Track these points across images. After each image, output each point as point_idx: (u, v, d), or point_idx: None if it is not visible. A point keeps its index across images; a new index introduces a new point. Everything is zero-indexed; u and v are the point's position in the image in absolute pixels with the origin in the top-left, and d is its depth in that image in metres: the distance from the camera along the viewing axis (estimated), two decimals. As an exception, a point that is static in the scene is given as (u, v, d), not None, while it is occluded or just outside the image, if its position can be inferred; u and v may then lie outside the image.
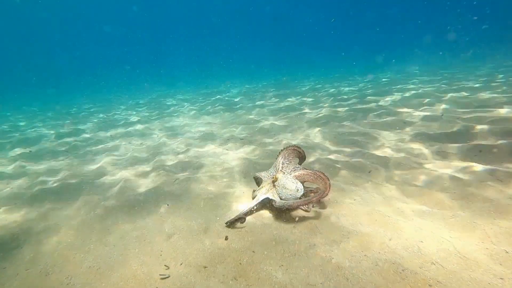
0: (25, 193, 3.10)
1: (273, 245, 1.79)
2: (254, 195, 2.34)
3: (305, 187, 2.26)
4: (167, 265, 1.71)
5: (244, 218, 2.06)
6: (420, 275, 1.43)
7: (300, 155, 2.64)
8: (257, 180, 2.48)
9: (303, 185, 2.23)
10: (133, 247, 1.93)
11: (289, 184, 2.14)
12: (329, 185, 2.05)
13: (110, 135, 5.89)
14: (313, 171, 2.21)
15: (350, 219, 1.99)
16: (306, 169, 2.28)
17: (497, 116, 3.92)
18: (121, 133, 5.94)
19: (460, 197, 2.12)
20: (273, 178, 2.25)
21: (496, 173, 2.39)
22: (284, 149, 2.55)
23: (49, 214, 2.53)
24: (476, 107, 4.62)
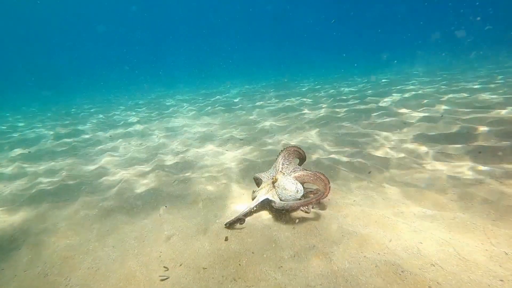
0: (23, 194, 3.09)
1: (273, 246, 1.79)
2: (253, 196, 2.33)
3: (305, 188, 2.26)
4: (166, 266, 1.70)
5: (243, 219, 2.05)
6: (419, 277, 1.43)
7: (300, 156, 2.63)
8: (257, 180, 2.48)
9: (303, 186, 2.23)
10: (132, 248, 1.92)
11: (289, 185, 2.14)
12: (328, 186, 2.05)
13: (109, 135, 5.88)
14: (313, 172, 2.21)
15: (349, 220, 1.99)
16: (306, 170, 2.28)
17: (496, 117, 3.93)
18: (120, 134, 5.93)
19: (459, 198, 2.12)
20: (273, 179, 2.25)
21: (495, 174, 2.39)
22: (284, 149, 2.54)
23: (48, 215, 2.52)
24: (475, 108, 4.63)
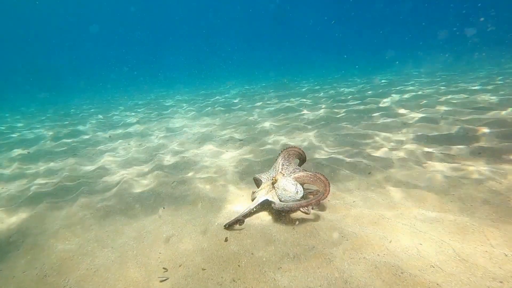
0: (22, 194, 3.08)
1: (272, 247, 1.78)
2: (253, 197, 2.33)
3: (304, 189, 2.25)
4: (166, 267, 1.70)
5: (243, 220, 2.05)
6: (419, 278, 1.43)
7: (300, 157, 2.63)
8: (257, 181, 2.48)
9: (303, 187, 2.22)
10: (131, 249, 1.92)
11: (289, 186, 2.13)
12: (328, 187, 2.05)
13: (108, 136, 5.88)
14: (312, 173, 2.21)
15: (349, 221, 1.99)
16: (305, 171, 2.28)
17: (496, 118, 3.93)
18: (120, 134, 5.92)
19: (459, 200, 2.12)
20: (272, 179, 2.24)
21: (495, 175, 2.39)
22: (284, 150, 2.54)
23: (47, 215, 2.51)
24: (475, 108, 4.63)
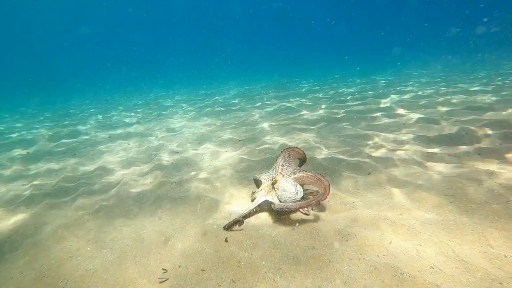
0: (22, 195, 3.08)
1: (272, 248, 1.78)
2: (253, 197, 2.33)
3: (304, 190, 2.25)
4: (165, 268, 1.69)
5: (242, 220, 2.04)
6: (418, 279, 1.43)
7: (300, 157, 2.63)
8: (257, 182, 2.47)
9: (303, 187, 2.22)
10: (130, 249, 1.91)
11: (289, 186, 2.13)
12: (328, 188, 2.05)
13: (108, 136, 5.87)
14: (312, 174, 2.20)
15: (349, 222, 1.99)
16: (305, 172, 2.28)
17: (496, 118, 3.93)
18: (119, 134, 5.92)
19: (459, 200, 2.12)
20: (272, 180, 2.24)
21: (495, 176, 2.39)
22: (284, 150, 2.53)
23: (46, 216, 2.51)
24: (475, 109, 4.64)
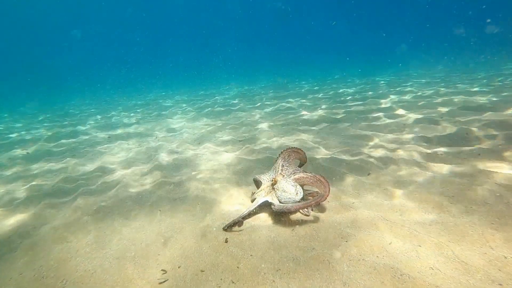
0: (21, 195, 3.07)
1: (271, 249, 1.78)
2: (253, 198, 2.32)
3: (304, 190, 2.25)
4: (164, 269, 1.69)
5: (242, 221, 2.04)
6: (418, 280, 1.42)
7: (301, 157, 2.62)
8: (257, 182, 2.47)
9: (303, 188, 2.22)
10: (129, 250, 1.91)
11: (289, 187, 2.13)
12: (328, 189, 2.04)
13: (108, 136, 5.86)
14: (312, 174, 2.20)
15: (348, 222, 1.99)
16: (305, 172, 2.27)
17: (495, 119, 3.93)
18: (119, 135, 5.91)
19: (459, 201, 2.12)
20: (272, 181, 2.24)
21: (494, 176, 2.39)
22: (284, 151, 2.53)
23: (45, 216, 2.50)
24: (475, 110, 4.64)
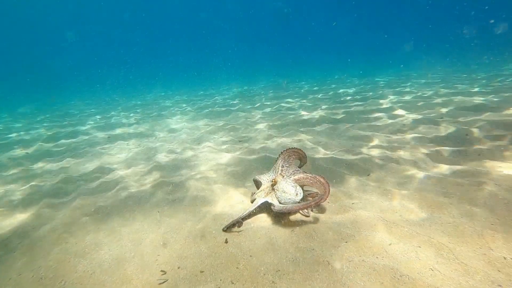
0: (20, 195, 3.07)
1: (271, 250, 1.77)
2: (252, 199, 2.32)
3: (304, 191, 2.24)
4: (164, 270, 1.68)
5: (241, 222, 2.04)
6: (418, 281, 1.42)
7: (301, 158, 2.62)
8: (257, 183, 2.46)
9: (303, 188, 2.21)
10: (128, 251, 1.91)
11: (288, 188, 2.12)
12: (328, 189, 2.04)
13: (107, 136, 5.86)
14: (312, 175, 2.19)
15: (348, 223, 1.98)
16: (305, 173, 2.27)
17: (495, 119, 3.94)
18: (118, 135, 5.91)
19: (458, 202, 2.12)
20: (272, 181, 2.23)
21: (494, 177, 2.39)
22: (284, 151, 2.52)
23: (44, 216, 2.50)
24: (474, 110, 4.64)
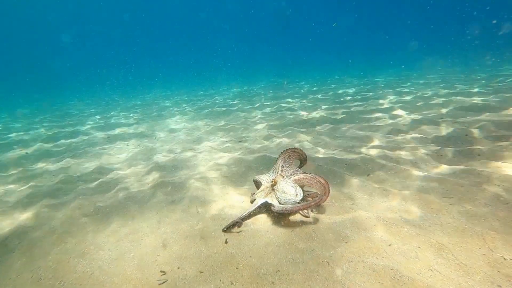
0: (19, 195, 3.06)
1: (270, 250, 1.77)
2: (252, 199, 2.32)
3: (304, 191, 2.24)
4: (164, 270, 1.68)
5: (241, 222, 2.04)
6: (417, 282, 1.42)
7: (301, 158, 2.61)
8: (257, 183, 2.46)
9: (302, 189, 2.21)
10: (128, 251, 1.90)
11: (288, 188, 2.12)
12: (328, 190, 2.04)
13: (107, 137, 5.86)
14: (312, 176, 2.19)
15: (348, 224, 1.98)
16: (305, 173, 2.27)
17: (495, 119, 3.94)
18: (118, 135, 5.90)
19: (458, 202, 2.12)
20: (272, 181, 2.23)
21: (494, 177, 2.39)
22: (284, 151, 2.52)
23: (43, 216, 2.49)
24: (474, 110, 4.65)
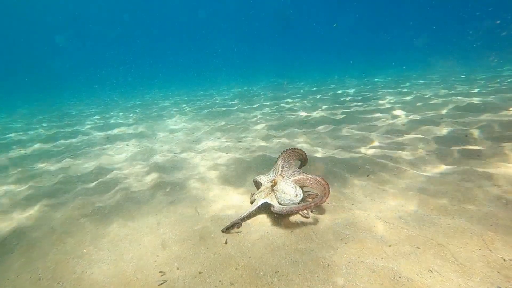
0: (18, 195, 3.06)
1: (270, 251, 1.77)
2: (252, 199, 2.32)
3: (304, 192, 2.24)
4: (163, 271, 1.68)
5: (240, 222, 2.04)
6: (417, 283, 1.42)
7: (301, 158, 2.61)
8: (256, 184, 2.46)
9: (302, 189, 2.21)
10: (127, 252, 1.90)
11: (288, 189, 2.12)
12: (328, 190, 2.03)
13: (106, 137, 5.85)
14: (312, 176, 2.19)
15: (348, 224, 1.98)
16: (305, 174, 2.26)
17: (495, 119, 3.94)
18: (117, 135, 5.90)
19: (458, 203, 2.12)
20: (272, 182, 2.23)
21: (494, 178, 2.39)
22: (284, 152, 2.51)
23: (43, 217, 2.49)
24: (474, 111, 4.65)
